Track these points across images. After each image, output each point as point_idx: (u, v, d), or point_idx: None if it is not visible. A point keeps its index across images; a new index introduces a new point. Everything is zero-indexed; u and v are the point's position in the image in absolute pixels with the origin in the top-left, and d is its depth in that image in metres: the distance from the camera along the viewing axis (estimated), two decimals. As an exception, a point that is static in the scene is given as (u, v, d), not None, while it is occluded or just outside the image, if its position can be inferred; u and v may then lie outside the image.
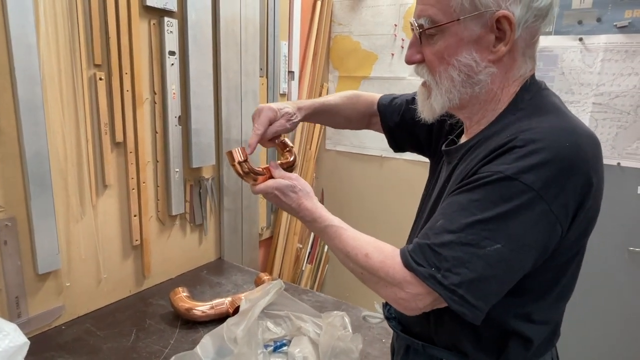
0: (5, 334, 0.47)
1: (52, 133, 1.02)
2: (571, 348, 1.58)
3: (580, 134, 0.59)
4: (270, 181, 0.81)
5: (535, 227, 0.57)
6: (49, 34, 0.99)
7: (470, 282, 0.57)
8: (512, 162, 0.56)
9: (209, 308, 1.15)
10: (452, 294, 0.58)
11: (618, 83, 1.43)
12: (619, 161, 1.46)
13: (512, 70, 0.64)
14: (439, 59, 0.65)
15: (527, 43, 0.63)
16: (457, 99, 0.66)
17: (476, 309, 0.58)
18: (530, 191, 0.55)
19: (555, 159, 0.55)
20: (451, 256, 0.58)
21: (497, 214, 0.56)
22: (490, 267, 0.57)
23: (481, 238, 0.57)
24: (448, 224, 0.59)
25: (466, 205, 0.59)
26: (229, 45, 1.46)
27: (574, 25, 1.48)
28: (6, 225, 0.98)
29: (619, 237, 1.49)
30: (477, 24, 0.61)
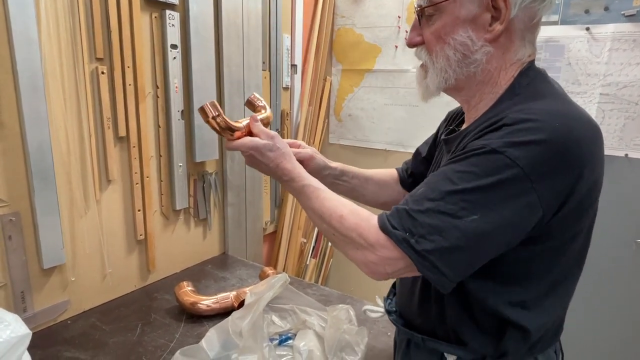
0: (7, 324, 0.46)
1: (54, 127, 1.01)
2: (578, 341, 1.58)
3: (576, 118, 0.58)
4: (247, 139, 0.78)
5: (515, 204, 0.56)
6: (50, 28, 0.98)
7: (443, 250, 0.57)
8: (500, 137, 0.56)
9: (213, 302, 1.15)
10: (423, 260, 0.58)
11: (626, 73, 1.41)
12: (626, 152, 1.44)
13: (510, 52, 0.64)
14: (436, 38, 0.66)
15: (525, 25, 0.63)
16: (453, 78, 0.67)
17: (445, 277, 0.58)
18: (514, 167, 0.54)
19: (546, 139, 0.54)
20: (427, 223, 0.58)
21: (478, 186, 0.56)
22: (465, 237, 0.56)
23: (459, 208, 0.57)
24: (429, 192, 0.59)
25: (449, 175, 0.59)
26: (231, 39, 1.45)
27: (581, 15, 1.46)
28: (10, 220, 0.98)
29: (626, 229, 1.47)
30: (473, 2, 0.62)
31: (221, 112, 0.79)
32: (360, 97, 2.00)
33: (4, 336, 0.44)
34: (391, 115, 1.93)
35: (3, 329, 0.45)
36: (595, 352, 1.58)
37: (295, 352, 0.92)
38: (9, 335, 0.45)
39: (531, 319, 0.65)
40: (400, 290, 0.82)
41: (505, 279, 0.63)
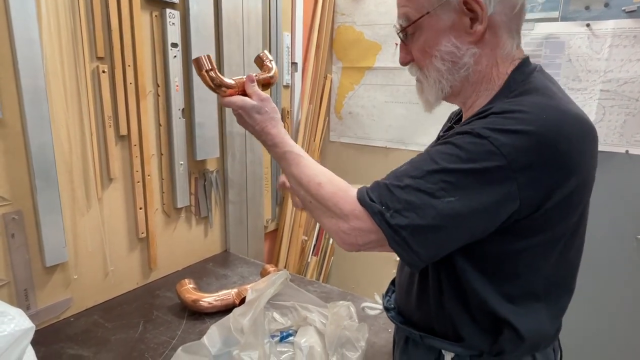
0: (11, 317, 0.47)
1: (56, 126, 1.02)
2: (577, 337, 1.58)
3: (566, 112, 0.57)
4: (237, 98, 0.78)
5: (494, 191, 0.56)
6: (51, 27, 0.99)
7: (416, 227, 0.57)
8: (486, 124, 0.56)
9: (215, 299, 1.16)
10: (395, 234, 0.58)
11: (627, 69, 1.41)
12: (627, 149, 1.44)
13: (498, 48, 0.64)
14: (422, 53, 0.68)
15: (508, 16, 0.63)
16: (448, 86, 0.67)
17: (415, 255, 0.58)
18: (497, 154, 0.54)
19: (533, 131, 0.54)
20: (404, 199, 0.58)
21: (460, 169, 0.56)
22: (440, 217, 0.56)
23: (438, 188, 0.56)
24: (411, 169, 0.60)
25: (433, 156, 0.59)
26: (232, 37, 1.45)
27: (581, 11, 1.45)
28: (13, 219, 0.98)
29: (627, 226, 1.47)
30: (447, 11, 0.63)
31: (215, 67, 0.79)
32: (361, 94, 2.00)
33: (8, 329, 0.45)
34: (391, 112, 1.93)
35: (7, 323, 0.46)
36: (596, 348, 1.59)
37: (296, 349, 0.92)
38: (13, 328, 0.45)
39: (523, 322, 0.64)
40: (398, 287, 0.83)
41: (495, 273, 0.64)
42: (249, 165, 1.63)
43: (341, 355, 0.89)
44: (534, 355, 0.70)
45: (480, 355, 0.68)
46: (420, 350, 0.74)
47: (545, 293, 0.66)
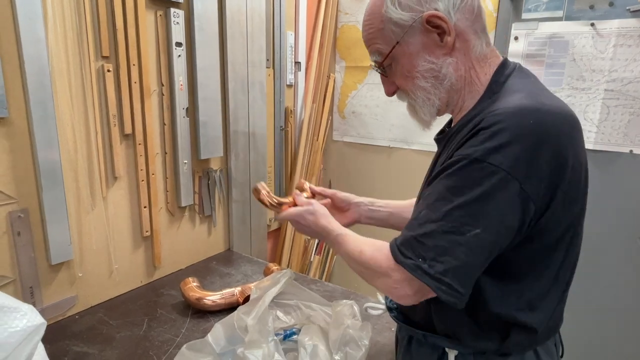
0: (23, 313, 0.48)
1: (61, 125, 1.03)
2: (581, 337, 1.58)
3: (547, 112, 0.58)
4: (292, 209, 0.90)
5: (510, 206, 0.58)
6: (57, 27, 0.99)
7: (455, 269, 0.59)
8: (479, 144, 0.58)
9: (219, 297, 1.16)
10: (439, 283, 0.59)
11: (631, 69, 1.40)
12: (631, 149, 1.44)
13: (470, 50, 0.67)
14: (405, 79, 0.71)
15: (470, 20, 0.66)
16: (438, 100, 0.70)
17: (462, 295, 0.60)
18: (499, 171, 0.56)
19: (519, 138, 0.56)
20: (434, 245, 0.59)
21: (472, 198, 0.58)
22: (472, 252, 0.58)
23: (461, 224, 0.58)
24: (430, 213, 0.61)
25: (444, 193, 0.60)
26: (235, 36, 1.45)
27: (586, 10, 1.45)
28: (19, 217, 0.99)
29: (630, 226, 1.47)
30: (414, 35, 0.67)
31: (269, 191, 0.97)
32: (364, 94, 2.00)
33: (21, 325, 0.45)
34: (395, 112, 1.93)
35: (19, 318, 0.47)
36: (597, 348, 1.59)
37: (300, 347, 0.93)
38: (25, 324, 0.46)
39: (536, 317, 0.66)
40: None
41: (502, 276, 0.64)
42: (252, 164, 1.63)
43: (345, 353, 0.89)
44: (536, 350, 0.70)
45: (483, 353, 0.69)
46: (424, 349, 0.75)
47: (553, 285, 0.67)
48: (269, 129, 1.73)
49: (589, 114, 1.49)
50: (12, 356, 0.44)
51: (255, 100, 1.59)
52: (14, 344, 0.44)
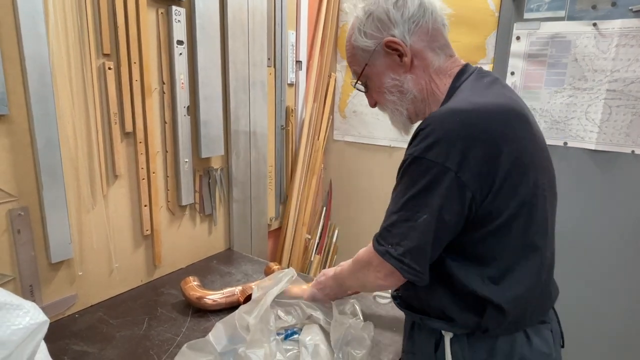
0: (26, 311, 0.47)
1: (62, 123, 1.02)
2: (584, 336, 1.57)
3: (476, 111, 0.67)
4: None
5: (449, 193, 0.66)
6: (58, 24, 0.99)
7: (412, 250, 0.69)
8: (417, 144, 0.68)
9: (220, 297, 1.16)
10: (401, 264, 0.70)
11: (633, 69, 1.40)
12: (633, 149, 1.44)
13: (428, 66, 0.78)
14: (378, 94, 0.84)
15: (425, 41, 0.77)
16: (405, 110, 0.82)
17: (421, 273, 0.70)
18: (436, 165, 0.65)
19: (447, 136, 0.65)
20: (397, 232, 0.70)
21: (419, 190, 0.68)
22: (423, 235, 0.68)
23: (413, 212, 0.68)
24: (393, 206, 0.72)
25: (400, 189, 0.71)
26: (237, 35, 1.45)
27: (588, 10, 1.45)
28: (19, 215, 0.99)
29: (632, 227, 1.47)
30: (378, 57, 0.80)
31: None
32: (365, 93, 2.00)
33: (24, 323, 0.45)
34: (396, 111, 1.92)
35: (22, 316, 0.46)
36: (597, 348, 1.58)
37: (302, 347, 0.92)
38: (29, 322, 0.46)
39: (501, 294, 0.71)
40: None
41: (470, 259, 0.72)
42: (253, 163, 1.63)
43: (346, 353, 0.89)
44: (527, 334, 0.74)
45: (473, 334, 0.75)
46: (424, 333, 0.81)
47: (516, 264, 0.72)
48: (270, 128, 1.73)
49: (590, 114, 1.49)
50: (15, 354, 0.44)
51: (256, 99, 1.58)
52: (17, 342, 0.44)
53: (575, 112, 1.52)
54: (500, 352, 0.73)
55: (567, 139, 1.54)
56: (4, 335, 0.44)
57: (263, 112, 1.63)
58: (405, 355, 0.88)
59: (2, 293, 0.51)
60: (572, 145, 1.54)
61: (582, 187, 1.54)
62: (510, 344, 0.73)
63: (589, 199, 1.53)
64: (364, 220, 2.11)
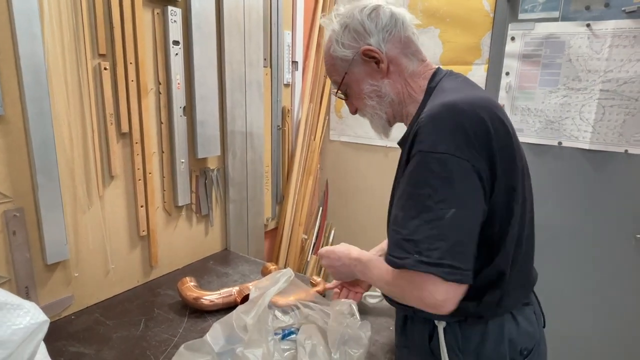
0: (26, 310, 0.47)
1: (58, 123, 1.02)
2: (579, 335, 1.59)
3: (465, 102, 0.69)
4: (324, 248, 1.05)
5: (469, 182, 0.66)
6: (54, 24, 0.98)
7: (449, 249, 0.65)
8: (424, 140, 0.68)
9: (217, 297, 1.15)
10: (441, 267, 0.64)
11: (626, 69, 1.41)
12: (626, 148, 1.45)
13: (403, 71, 0.83)
14: (357, 100, 0.88)
15: (399, 48, 0.82)
16: (384, 114, 0.86)
17: (465, 271, 0.66)
18: (447, 156, 0.65)
19: (451, 128, 0.67)
20: (423, 237, 0.66)
21: (438, 185, 0.66)
22: (456, 230, 0.65)
23: (437, 210, 0.65)
24: (407, 212, 0.68)
25: (412, 191, 0.68)
26: (233, 35, 1.45)
27: (582, 11, 1.46)
28: (14, 216, 0.98)
29: (626, 225, 1.48)
30: (356, 66, 0.84)
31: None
32: (361, 93, 2.00)
33: (24, 322, 0.45)
34: (392, 111, 1.93)
35: (23, 316, 0.46)
36: (595, 346, 1.60)
37: (299, 347, 0.92)
38: (29, 321, 0.45)
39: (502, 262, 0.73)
40: None
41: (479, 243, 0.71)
42: (249, 163, 1.63)
43: (344, 352, 0.89)
44: (513, 314, 0.78)
45: (465, 320, 0.76)
46: (417, 325, 0.82)
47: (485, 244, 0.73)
48: (266, 128, 1.73)
49: (584, 114, 1.50)
50: (16, 353, 0.44)
51: (252, 99, 1.58)
52: (18, 342, 0.44)
53: (569, 112, 1.53)
54: (492, 335, 0.76)
55: (561, 139, 1.56)
56: (4, 335, 0.43)
57: (259, 113, 1.63)
58: (399, 350, 0.90)
59: (2, 293, 0.50)
60: (566, 145, 1.55)
61: (577, 186, 1.55)
62: (500, 327, 0.76)
63: (584, 198, 1.54)
64: (361, 220, 2.11)
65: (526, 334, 0.79)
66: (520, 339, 0.78)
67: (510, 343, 0.76)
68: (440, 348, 0.78)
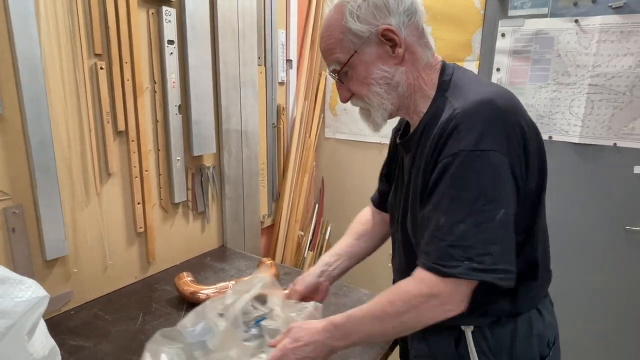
0: (28, 286, 0.50)
1: (55, 122, 1.04)
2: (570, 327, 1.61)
3: (500, 99, 0.68)
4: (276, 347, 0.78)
5: (510, 178, 0.65)
6: (50, 24, 1.00)
7: (502, 253, 0.63)
8: (463, 139, 0.64)
9: (213, 291, 1.18)
10: (496, 273, 0.62)
11: (614, 64, 1.44)
12: (615, 142, 1.48)
13: (417, 61, 0.77)
14: (360, 85, 0.78)
15: (416, 36, 0.76)
16: (390, 104, 0.78)
17: (514, 273, 0.64)
18: (493, 153, 0.63)
19: (491, 125, 0.64)
20: (475, 242, 0.62)
21: (486, 184, 0.63)
22: (507, 231, 0.64)
23: (487, 212, 0.62)
24: (452, 217, 0.64)
25: (456, 194, 0.64)
26: (227, 34, 1.47)
27: (570, 7, 1.48)
28: (14, 213, 1.00)
29: (616, 216, 1.51)
30: (370, 46, 0.75)
31: None
32: (355, 91, 2.02)
33: (26, 296, 0.48)
34: (386, 108, 1.95)
35: (25, 290, 0.49)
36: (586, 336, 1.62)
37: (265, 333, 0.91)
38: (30, 295, 0.48)
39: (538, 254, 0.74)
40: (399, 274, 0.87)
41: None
42: (245, 161, 1.65)
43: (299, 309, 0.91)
44: (538, 308, 0.78)
45: (497, 321, 0.74)
46: (442, 332, 0.78)
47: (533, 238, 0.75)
48: (261, 126, 1.75)
49: (574, 109, 1.53)
50: (19, 324, 0.47)
51: (247, 97, 1.60)
52: (20, 313, 0.47)
53: (559, 106, 1.56)
54: (521, 333, 0.75)
55: (552, 133, 1.58)
56: (8, 306, 0.47)
57: (254, 111, 1.65)
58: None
59: (4, 270, 0.53)
60: (556, 139, 1.58)
61: (567, 179, 1.58)
62: (529, 322, 0.75)
63: (574, 191, 1.57)
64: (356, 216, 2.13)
65: (550, 325, 0.79)
66: (546, 331, 0.77)
67: (538, 338, 0.76)
68: (469, 353, 0.75)
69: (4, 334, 0.46)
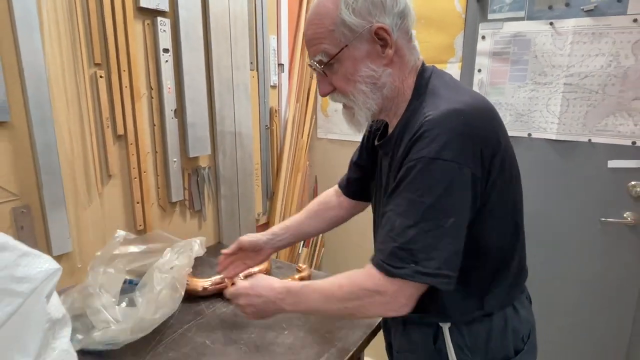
0: (45, 259, 0.59)
1: (59, 127, 1.12)
2: (545, 319, 1.69)
3: (471, 109, 0.69)
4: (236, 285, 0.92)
5: (468, 189, 0.67)
6: (52, 37, 1.08)
7: (447, 259, 0.66)
8: (427, 146, 0.66)
9: (209, 284, 1.25)
10: (438, 277, 0.66)
11: (587, 64, 1.51)
12: (589, 138, 1.55)
13: (404, 65, 0.77)
14: (345, 81, 0.76)
15: (406, 39, 0.76)
16: (374, 105, 0.77)
17: (452, 279, 0.67)
18: (454, 165, 0.65)
19: (456, 135, 0.66)
20: (422, 246, 0.65)
21: (440, 194, 0.65)
22: (455, 239, 0.67)
23: (438, 219, 0.65)
24: (405, 220, 0.67)
25: (412, 198, 0.67)
26: (220, 41, 1.55)
27: (545, 10, 1.56)
28: (22, 212, 1.08)
29: (591, 209, 1.58)
30: (361, 42, 0.73)
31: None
32: (345, 93, 2.09)
33: (45, 267, 0.57)
34: (374, 109, 2.02)
35: (43, 262, 0.58)
36: (561, 327, 1.70)
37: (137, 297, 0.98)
38: (48, 267, 0.57)
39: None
40: None
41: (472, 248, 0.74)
42: (239, 161, 1.73)
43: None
44: (513, 305, 0.81)
45: (474, 319, 0.78)
46: (421, 328, 0.83)
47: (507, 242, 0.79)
48: (255, 128, 1.83)
49: (551, 107, 1.60)
50: (40, 288, 0.56)
51: (240, 101, 1.68)
52: (41, 279, 0.56)
53: (537, 105, 1.63)
54: (496, 329, 0.77)
55: (530, 131, 1.66)
56: (32, 273, 0.56)
57: (247, 113, 1.73)
58: (401, 355, 0.88)
59: (26, 247, 0.62)
60: (535, 136, 1.65)
61: (546, 174, 1.65)
62: (504, 319, 0.78)
63: (552, 185, 1.65)
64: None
65: (525, 320, 0.81)
66: (521, 326, 0.80)
67: (513, 333, 0.78)
68: (447, 349, 0.78)
69: (28, 294, 0.55)
